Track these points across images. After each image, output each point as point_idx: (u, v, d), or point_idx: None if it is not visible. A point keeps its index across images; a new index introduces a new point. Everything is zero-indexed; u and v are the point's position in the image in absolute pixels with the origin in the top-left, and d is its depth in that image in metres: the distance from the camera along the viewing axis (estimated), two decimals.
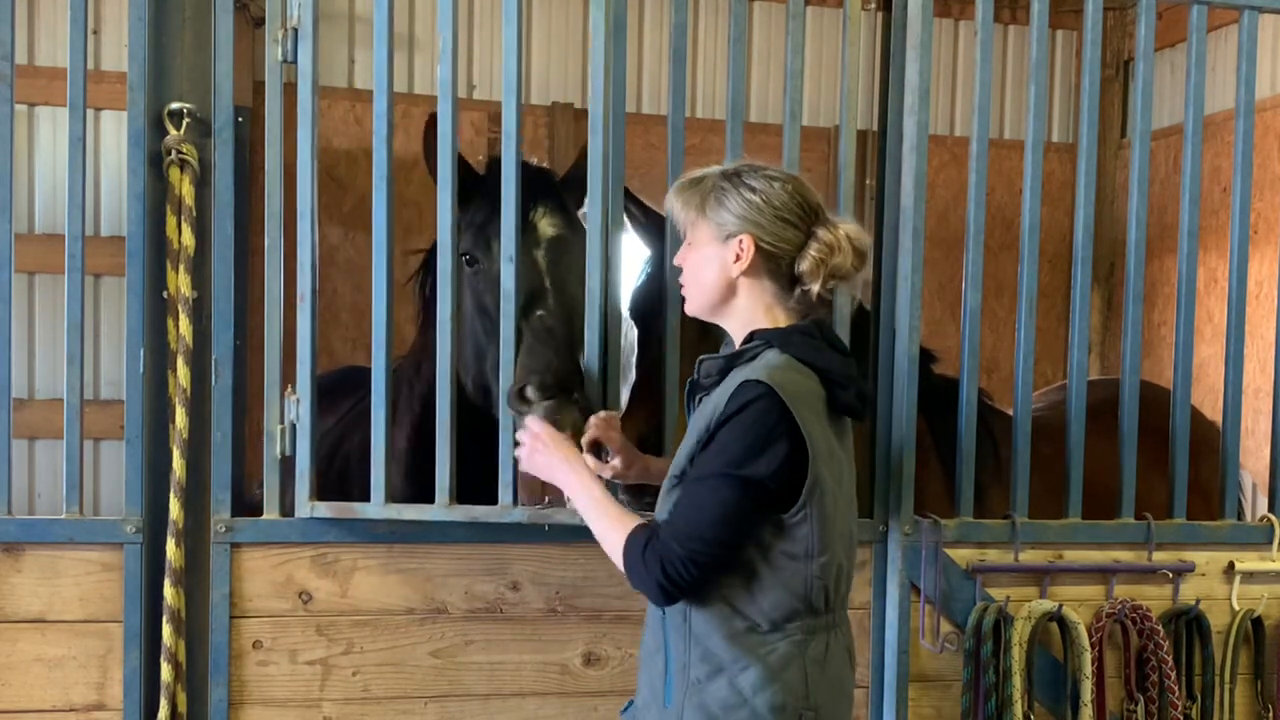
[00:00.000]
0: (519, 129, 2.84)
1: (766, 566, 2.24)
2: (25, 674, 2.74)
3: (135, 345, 2.74)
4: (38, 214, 5.38)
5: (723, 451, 2.20)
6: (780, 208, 2.29)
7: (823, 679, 2.29)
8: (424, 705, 2.90)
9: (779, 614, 2.25)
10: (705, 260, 2.35)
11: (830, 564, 2.27)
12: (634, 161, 2.99)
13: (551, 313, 2.83)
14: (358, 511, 2.83)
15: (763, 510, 2.22)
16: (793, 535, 2.23)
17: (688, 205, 2.38)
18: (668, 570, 2.19)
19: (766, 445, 2.18)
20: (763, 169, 2.36)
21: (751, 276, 2.32)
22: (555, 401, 2.69)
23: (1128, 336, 3.25)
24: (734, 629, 2.25)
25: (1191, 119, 3.26)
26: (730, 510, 2.19)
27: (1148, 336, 6.02)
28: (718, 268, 2.33)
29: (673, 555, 2.19)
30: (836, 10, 6.28)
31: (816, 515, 2.23)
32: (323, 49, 3.05)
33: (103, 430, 5.18)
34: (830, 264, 2.29)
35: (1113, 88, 6.60)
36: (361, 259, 5.45)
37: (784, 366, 2.24)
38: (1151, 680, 3.15)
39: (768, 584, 2.24)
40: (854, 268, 2.33)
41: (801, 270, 2.30)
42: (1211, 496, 3.57)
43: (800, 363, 2.27)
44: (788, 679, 2.25)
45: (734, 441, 2.19)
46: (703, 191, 2.35)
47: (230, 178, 2.76)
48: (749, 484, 2.18)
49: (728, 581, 2.25)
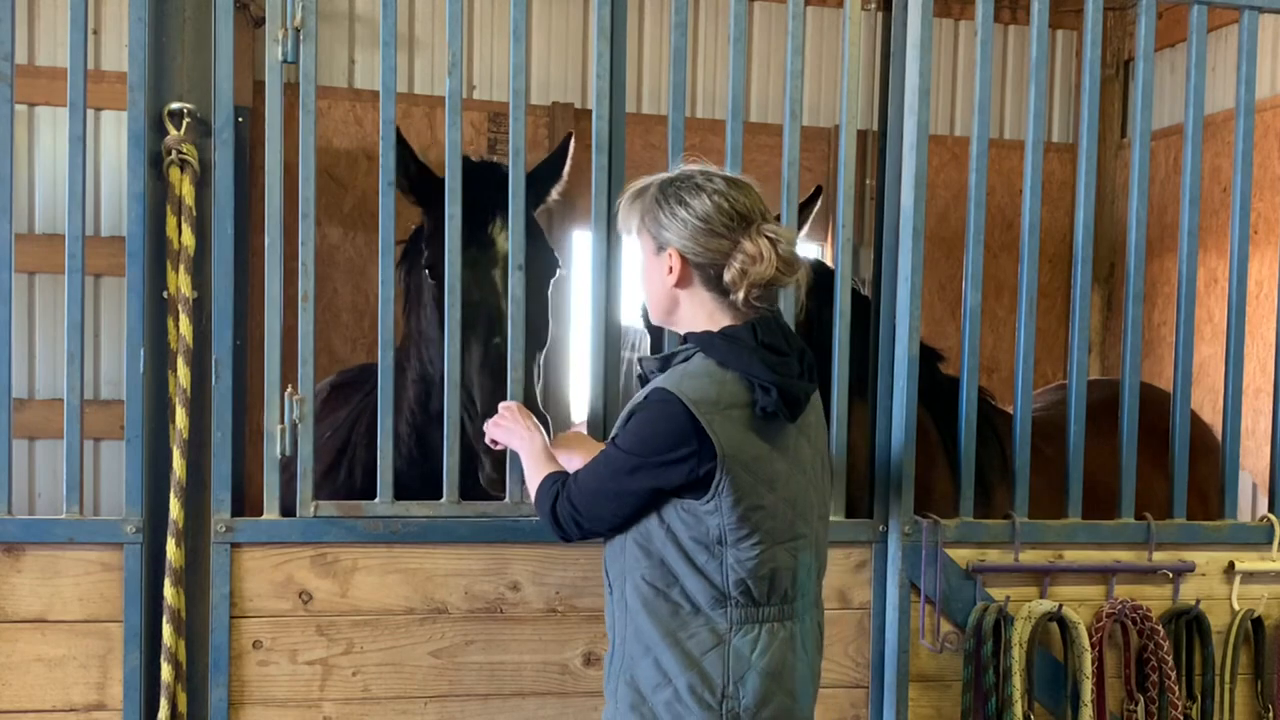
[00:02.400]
0: (523, 130, 2.85)
1: (678, 551, 2.32)
2: (25, 674, 2.74)
3: (135, 345, 2.74)
4: (38, 214, 5.38)
5: (630, 435, 2.33)
6: (705, 219, 2.31)
7: (751, 670, 2.33)
8: (424, 705, 2.90)
9: (701, 599, 2.32)
10: (649, 271, 2.41)
11: (760, 558, 2.31)
12: (634, 161, 2.99)
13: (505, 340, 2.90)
14: (364, 510, 2.84)
15: (656, 499, 2.32)
16: (704, 524, 2.29)
17: (628, 219, 2.44)
18: (558, 516, 2.43)
19: (668, 447, 2.27)
20: (698, 177, 2.36)
21: (686, 287, 2.37)
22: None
23: (1128, 336, 3.25)
24: (658, 610, 2.34)
25: (1191, 119, 3.26)
26: (622, 488, 2.33)
27: (1148, 336, 6.02)
28: (658, 279, 2.39)
29: (565, 506, 2.42)
30: (836, 10, 6.28)
31: (729, 508, 2.27)
32: (323, 49, 3.06)
33: (103, 430, 5.18)
34: (751, 273, 2.30)
35: (1113, 88, 6.60)
36: (361, 259, 5.47)
37: (698, 374, 2.31)
38: (1151, 680, 3.16)
39: (682, 570, 2.32)
40: (779, 274, 2.33)
41: (726, 280, 2.32)
42: (1209, 497, 3.58)
43: (720, 367, 2.30)
44: (707, 665, 2.32)
45: (641, 432, 2.32)
46: (642, 205, 2.40)
47: (230, 178, 2.76)
48: (641, 472, 2.30)
49: (644, 562, 2.35)
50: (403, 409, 3.19)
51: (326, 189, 5.32)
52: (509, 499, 2.90)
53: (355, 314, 5.64)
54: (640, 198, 2.41)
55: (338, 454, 3.46)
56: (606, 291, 2.95)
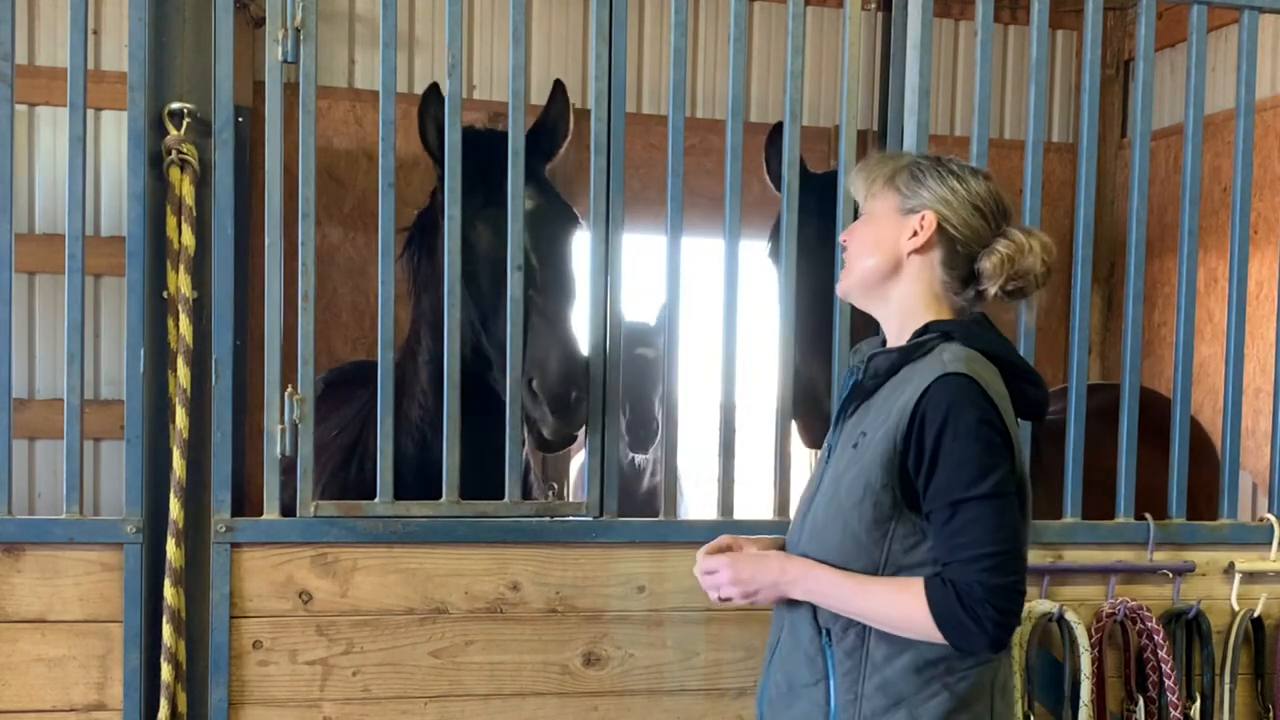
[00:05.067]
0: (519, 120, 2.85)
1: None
2: (25, 674, 2.74)
3: (135, 345, 2.74)
4: (38, 214, 5.37)
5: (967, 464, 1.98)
6: (975, 195, 2.15)
7: (1005, 709, 2.14)
8: (424, 705, 2.90)
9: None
10: (878, 231, 2.18)
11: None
12: (634, 161, 3.00)
13: (541, 291, 2.91)
14: (364, 510, 2.84)
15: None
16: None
17: (872, 177, 2.22)
18: (1000, 608, 1.95)
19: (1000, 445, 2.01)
20: (962, 162, 2.26)
21: (923, 256, 2.15)
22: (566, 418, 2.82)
23: (1128, 336, 3.25)
24: (923, 655, 2.04)
25: (1191, 119, 3.26)
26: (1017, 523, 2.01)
27: (1148, 336, 6.01)
28: (890, 241, 2.16)
29: (998, 592, 1.95)
30: (836, 10, 6.28)
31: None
32: (323, 49, 3.06)
33: (103, 430, 5.17)
34: (1018, 264, 2.13)
35: (1113, 88, 6.58)
36: (361, 259, 5.46)
37: (975, 359, 2.07)
38: (1151, 680, 3.15)
39: None
40: (1040, 275, 2.16)
41: (983, 266, 2.14)
42: (1209, 499, 3.57)
43: (986, 357, 2.11)
44: (977, 710, 2.06)
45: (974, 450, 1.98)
46: (895, 165, 2.21)
47: (230, 178, 2.76)
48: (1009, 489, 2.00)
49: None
50: (415, 395, 3.20)
51: (326, 189, 5.31)
52: (508, 498, 2.89)
53: (355, 314, 5.63)
54: (893, 160, 2.23)
55: (348, 451, 3.46)
56: (606, 291, 2.94)
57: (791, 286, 3.06)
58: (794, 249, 3.03)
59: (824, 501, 2.17)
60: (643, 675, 2.98)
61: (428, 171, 3.47)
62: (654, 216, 3.70)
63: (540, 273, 2.97)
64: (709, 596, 2.24)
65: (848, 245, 2.27)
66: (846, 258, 2.26)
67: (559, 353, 2.83)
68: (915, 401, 2.03)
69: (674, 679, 3.00)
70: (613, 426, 2.96)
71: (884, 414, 2.10)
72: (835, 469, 2.18)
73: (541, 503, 3.18)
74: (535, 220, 3.01)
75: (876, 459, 2.07)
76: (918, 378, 2.07)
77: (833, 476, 2.17)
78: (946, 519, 2.00)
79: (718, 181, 3.06)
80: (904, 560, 2.08)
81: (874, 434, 2.10)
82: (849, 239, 2.27)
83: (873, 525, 2.08)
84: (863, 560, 2.09)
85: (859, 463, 2.10)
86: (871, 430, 2.11)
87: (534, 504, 3.03)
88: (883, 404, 2.12)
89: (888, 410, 2.09)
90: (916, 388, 2.05)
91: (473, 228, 2.99)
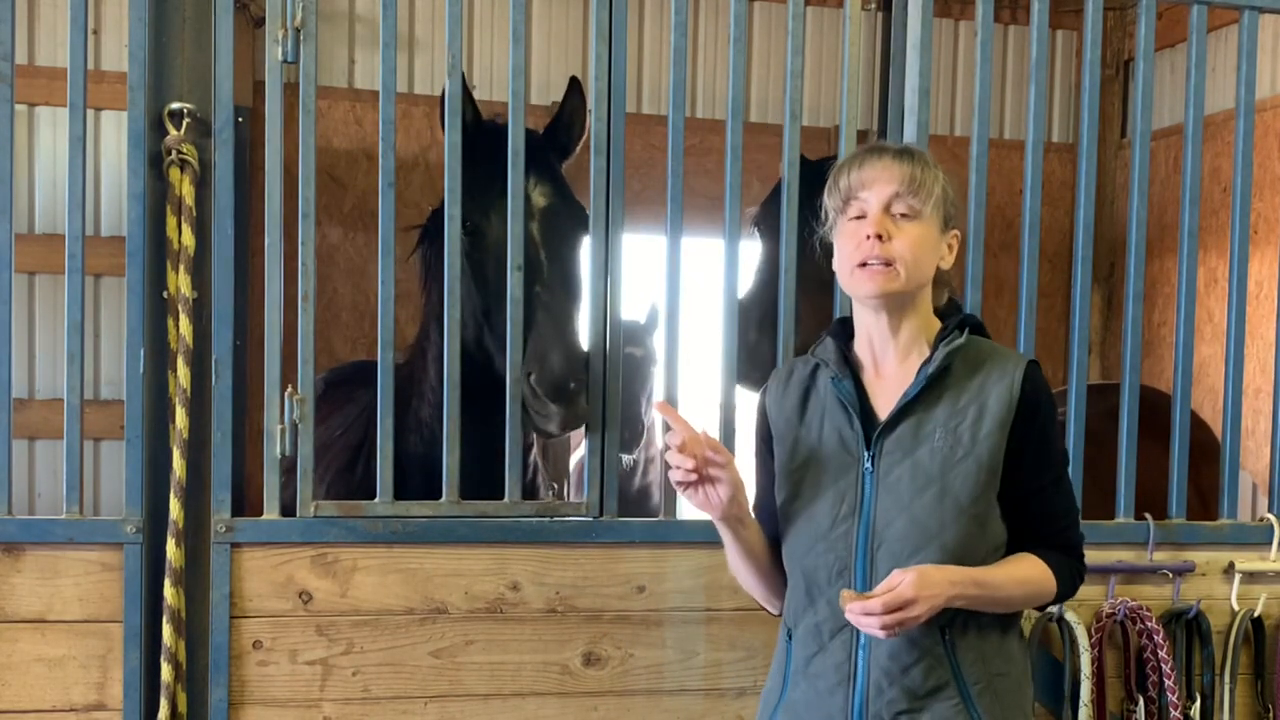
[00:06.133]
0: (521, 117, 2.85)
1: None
2: (25, 674, 2.74)
3: (135, 345, 2.74)
4: (38, 214, 5.37)
5: (1059, 440, 2.29)
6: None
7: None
8: (424, 705, 2.90)
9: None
10: (929, 242, 2.23)
11: None
12: (634, 161, 3.00)
13: (547, 288, 2.91)
14: (364, 510, 2.84)
15: None
16: None
17: (924, 183, 2.21)
18: (1082, 572, 2.33)
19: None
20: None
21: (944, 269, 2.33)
22: (568, 409, 2.82)
23: (1128, 336, 3.25)
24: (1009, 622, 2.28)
25: (1191, 119, 3.26)
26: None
27: (1148, 336, 6.01)
28: (934, 256, 2.26)
29: (1080, 557, 2.32)
30: (836, 10, 6.28)
31: None
32: (323, 49, 3.06)
33: (103, 430, 5.17)
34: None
35: (1113, 88, 6.59)
36: (361, 259, 5.46)
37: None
38: (1151, 680, 3.15)
39: None
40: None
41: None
42: (1208, 499, 3.58)
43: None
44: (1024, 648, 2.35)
45: (1057, 429, 2.29)
46: (943, 179, 2.26)
47: (230, 178, 2.76)
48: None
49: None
50: (424, 393, 3.20)
51: (326, 189, 5.32)
52: (508, 498, 2.90)
53: (355, 314, 5.64)
54: (933, 166, 2.25)
55: (355, 450, 3.46)
56: (606, 292, 2.94)
57: (792, 286, 3.05)
58: (794, 249, 3.03)
59: (927, 504, 2.16)
60: (643, 675, 2.98)
61: (428, 171, 3.48)
62: (654, 216, 3.70)
63: (548, 270, 2.95)
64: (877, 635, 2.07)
65: (892, 240, 2.18)
66: (900, 251, 2.17)
67: (560, 344, 2.82)
68: (1020, 385, 2.19)
69: (674, 679, 3.00)
70: (613, 427, 2.96)
71: (967, 401, 2.19)
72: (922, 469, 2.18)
73: (541, 503, 3.18)
74: (548, 218, 3.00)
75: (987, 446, 2.17)
76: (996, 364, 2.22)
77: (925, 476, 2.17)
78: (1054, 490, 2.25)
79: (718, 181, 3.06)
80: (1002, 536, 2.24)
81: (966, 422, 2.18)
82: (891, 232, 2.18)
83: (988, 509, 2.20)
84: (985, 545, 2.20)
85: (972, 454, 2.17)
86: (958, 420, 2.18)
87: (534, 504, 3.03)
88: (955, 394, 2.20)
89: (972, 397, 2.20)
90: (1006, 373, 2.21)
91: (487, 218, 2.98)
